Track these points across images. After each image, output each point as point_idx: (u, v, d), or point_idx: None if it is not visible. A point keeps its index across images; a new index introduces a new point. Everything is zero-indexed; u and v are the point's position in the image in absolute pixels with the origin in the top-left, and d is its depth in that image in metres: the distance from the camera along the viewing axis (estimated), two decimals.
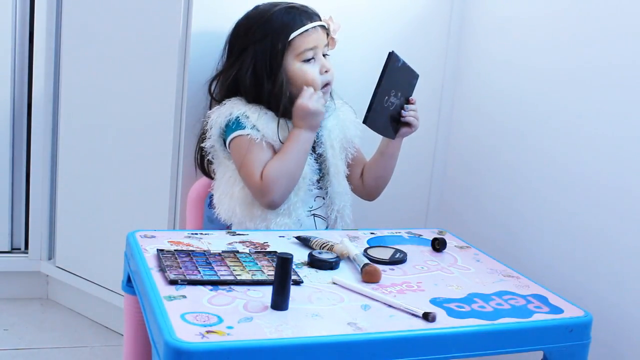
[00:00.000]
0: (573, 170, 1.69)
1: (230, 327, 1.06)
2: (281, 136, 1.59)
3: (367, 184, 1.72)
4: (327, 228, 1.66)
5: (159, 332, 1.05)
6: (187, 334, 1.02)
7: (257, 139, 1.57)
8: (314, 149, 1.65)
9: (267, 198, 1.55)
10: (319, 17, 1.64)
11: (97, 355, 1.96)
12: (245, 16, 1.64)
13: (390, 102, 1.58)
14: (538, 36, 1.80)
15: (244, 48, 1.61)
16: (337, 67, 1.69)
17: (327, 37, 1.64)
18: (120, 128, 1.93)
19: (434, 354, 1.12)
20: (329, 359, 1.06)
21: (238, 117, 1.58)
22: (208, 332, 1.04)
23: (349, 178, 1.71)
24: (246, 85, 1.61)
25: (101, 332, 2.08)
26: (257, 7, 1.64)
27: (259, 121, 1.58)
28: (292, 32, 1.58)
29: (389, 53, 1.53)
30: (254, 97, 1.61)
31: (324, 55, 1.64)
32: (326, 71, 1.62)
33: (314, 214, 1.65)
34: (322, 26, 1.63)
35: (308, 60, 1.61)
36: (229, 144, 1.60)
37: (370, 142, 1.73)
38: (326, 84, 1.63)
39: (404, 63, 1.57)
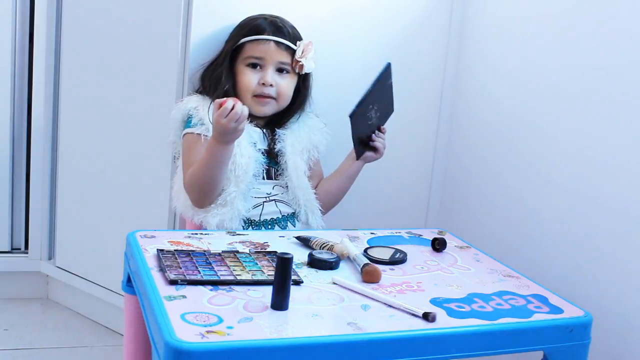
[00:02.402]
0: (573, 170, 1.69)
1: (230, 327, 1.06)
2: None
3: (319, 197, 1.72)
4: (294, 213, 1.67)
5: (159, 332, 1.05)
6: (187, 334, 1.02)
7: (200, 133, 1.61)
8: (271, 146, 1.68)
9: (190, 199, 1.61)
10: (288, 36, 1.67)
11: (97, 355, 1.96)
12: None
13: (371, 115, 1.60)
14: (538, 37, 1.80)
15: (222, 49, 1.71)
16: (337, 67, 1.69)
17: (293, 58, 1.67)
18: (120, 128, 1.93)
19: (434, 354, 1.13)
20: (328, 359, 1.06)
21: (190, 111, 1.65)
22: (208, 332, 1.04)
23: None
24: (205, 78, 1.69)
25: (101, 332, 2.08)
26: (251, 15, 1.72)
27: (206, 115, 1.62)
28: (244, 38, 1.66)
29: (387, 63, 1.56)
30: (210, 91, 1.67)
31: (281, 71, 1.67)
32: (263, 84, 1.65)
33: (274, 200, 1.66)
34: (285, 45, 1.66)
35: (254, 67, 1.66)
36: (182, 141, 1.66)
37: (335, 156, 1.76)
38: (262, 96, 1.65)
39: (391, 85, 1.60)
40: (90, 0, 1.97)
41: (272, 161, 1.68)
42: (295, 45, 1.68)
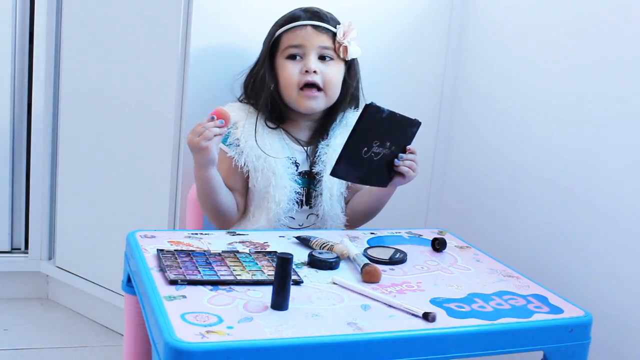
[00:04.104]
0: (573, 171, 1.69)
1: (230, 327, 1.06)
2: (260, 143, 1.57)
3: (347, 211, 1.68)
4: None
5: (159, 332, 1.05)
6: (187, 334, 1.02)
7: (232, 157, 1.57)
8: (311, 166, 1.62)
9: None
10: (326, 19, 1.60)
11: (97, 355, 1.96)
12: None
13: (374, 152, 1.47)
14: (538, 37, 1.80)
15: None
16: None
17: (334, 42, 1.59)
18: (120, 128, 1.93)
19: (434, 354, 1.12)
20: (329, 359, 1.06)
21: (229, 126, 1.57)
22: (208, 332, 1.04)
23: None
24: (246, 85, 1.63)
25: (101, 332, 2.08)
26: None
27: (243, 134, 1.57)
28: (279, 29, 1.59)
29: (365, 105, 1.42)
30: (253, 98, 1.61)
31: (323, 58, 1.58)
32: (306, 71, 1.56)
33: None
34: (324, 28, 1.58)
35: (294, 58, 1.58)
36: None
37: None
38: (308, 85, 1.56)
39: (391, 113, 1.45)
40: (91, 1, 1.97)
41: (312, 182, 1.62)
42: (335, 28, 1.59)
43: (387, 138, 1.48)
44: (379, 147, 1.47)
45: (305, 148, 1.63)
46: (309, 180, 1.62)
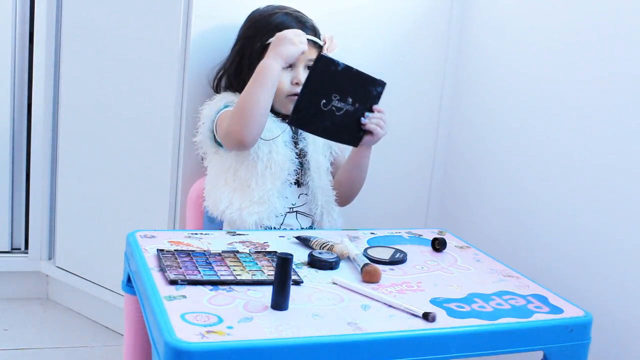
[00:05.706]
0: (573, 170, 1.69)
1: (230, 327, 1.06)
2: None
3: (334, 185, 1.70)
4: (312, 225, 1.66)
5: (159, 332, 1.05)
6: (187, 334, 1.02)
7: None
8: (295, 144, 1.65)
9: (231, 129, 1.56)
10: (313, 31, 1.65)
11: (97, 355, 1.96)
12: (249, 15, 1.68)
13: (335, 106, 1.54)
14: (538, 36, 1.80)
15: (237, 44, 1.67)
16: None
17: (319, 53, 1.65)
18: (120, 128, 1.93)
19: (434, 354, 1.13)
20: (329, 359, 1.06)
21: (227, 104, 1.62)
22: (208, 332, 1.04)
23: None
24: (230, 78, 1.66)
25: (101, 332, 2.08)
26: (264, 8, 1.68)
27: None
28: (273, 37, 1.61)
29: (318, 56, 1.54)
30: (238, 90, 1.64)
31: (307, 67, 1.64)
32: (297, 83, 1.61)
33: (296, 211, 1.65)
34: (314, 41, 1.64)
35: (284, 68, 1.60)
36: (216, 124, 1.61)
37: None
38: (294, 95, 1.60)
39: (347, 67, 1.52)
40: (91, 1, 1.97)
41: (298, 161, 1.66)
42: (320, 39, 1.66)
43: (348, 93, 1.56)
44: (339, 102, 1.55)
45: (292, 129, 1.67)
46: (296, 158, 1.66)
